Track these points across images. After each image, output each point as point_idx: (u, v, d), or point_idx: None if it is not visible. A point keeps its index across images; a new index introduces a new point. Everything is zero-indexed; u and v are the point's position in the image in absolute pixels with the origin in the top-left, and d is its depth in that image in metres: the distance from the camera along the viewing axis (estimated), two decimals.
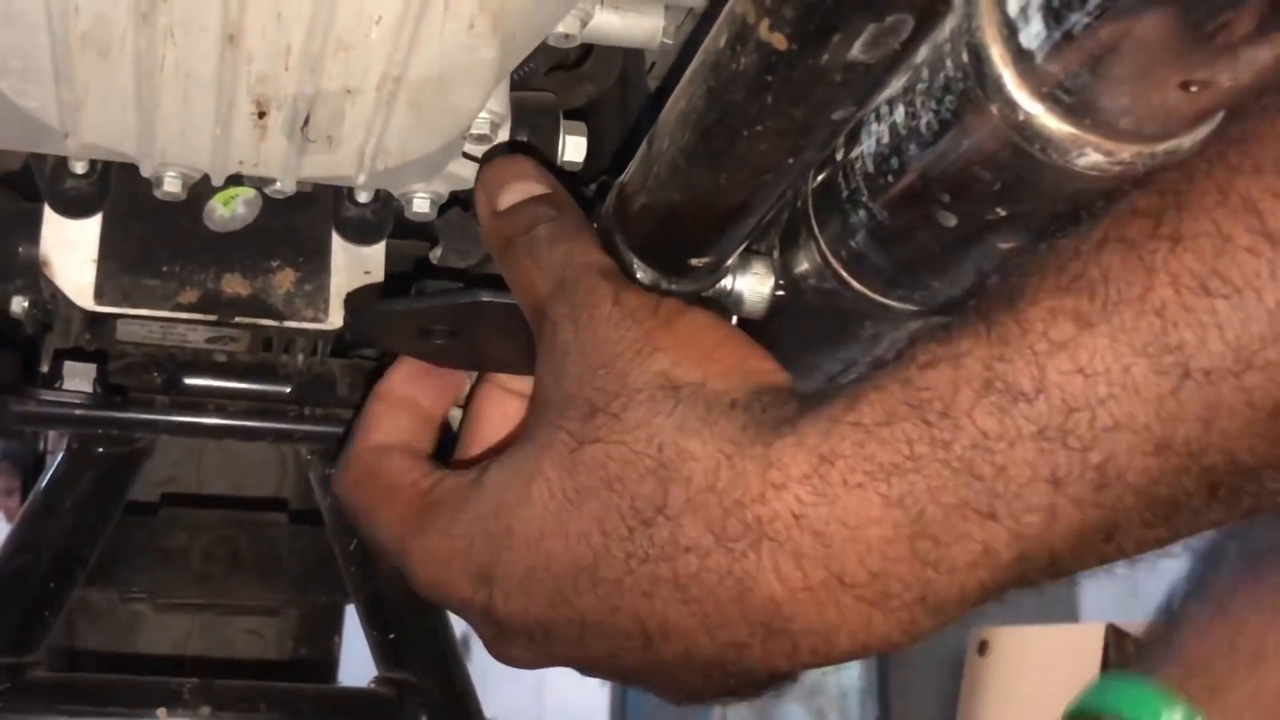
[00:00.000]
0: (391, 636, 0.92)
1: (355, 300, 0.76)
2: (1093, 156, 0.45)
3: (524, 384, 0.67)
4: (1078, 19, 0.41)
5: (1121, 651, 3.56)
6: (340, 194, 0.75)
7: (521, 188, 0.63)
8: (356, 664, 1.04)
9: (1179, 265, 0.44)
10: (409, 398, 0.71)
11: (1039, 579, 0.49)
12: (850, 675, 4.27)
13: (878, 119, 0.52)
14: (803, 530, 0.48)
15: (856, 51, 0.45)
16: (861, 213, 0.54)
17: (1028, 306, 0.46)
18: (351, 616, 1.04)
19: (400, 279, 0.76)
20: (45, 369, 0.89)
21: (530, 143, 0.69)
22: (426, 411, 0.71)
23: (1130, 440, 0.45)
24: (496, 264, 0.63)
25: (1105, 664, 3.55)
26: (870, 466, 0.48)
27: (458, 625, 0.97)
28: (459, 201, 0.78)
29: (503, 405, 0.68)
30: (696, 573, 0.51)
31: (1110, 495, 0.46)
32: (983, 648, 3.94)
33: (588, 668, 0.59)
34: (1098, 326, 0.45)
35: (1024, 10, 0.43)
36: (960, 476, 0.46)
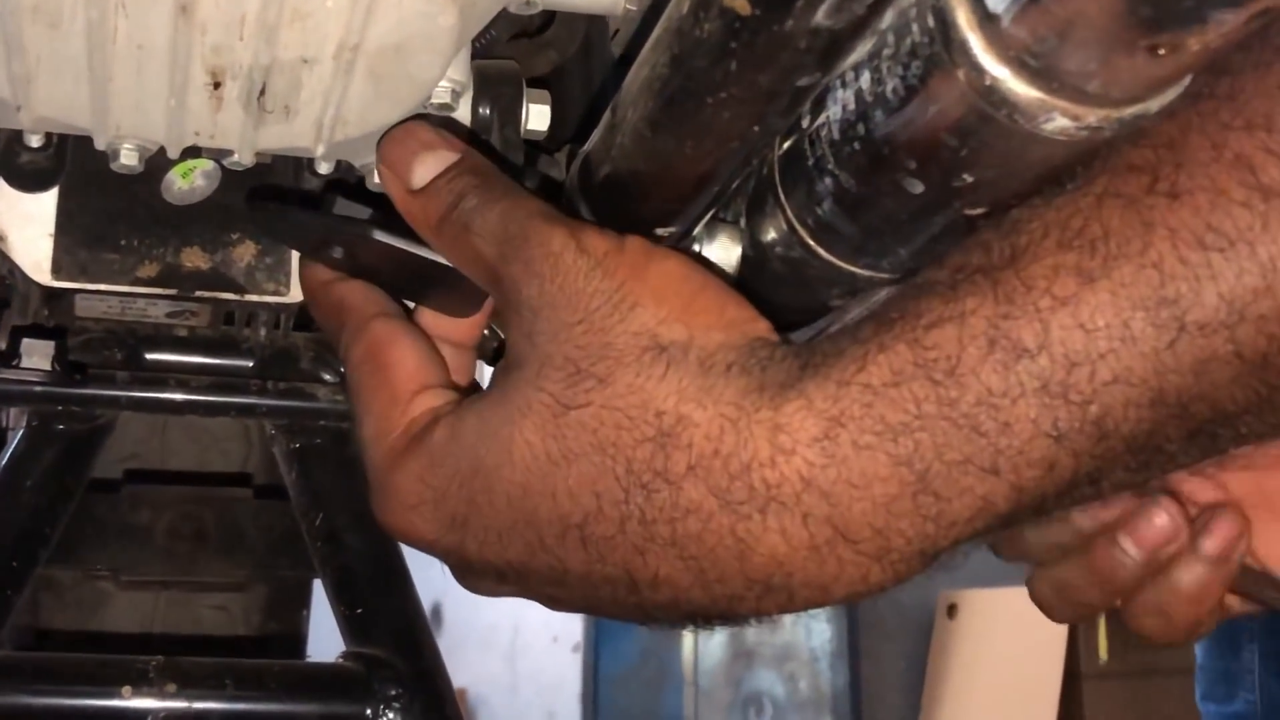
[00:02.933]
0: (359, 611, 0.92)
1: (258, 194, 0.73)
2: (1060, 121, 0.44)
3: (447, 328, 0.65)
4: None
5: None
6: (300, 165, 0.74)
7: (433, 159, 0.60)
8: (325, 639, 1.04)
9: (1176, 220, 0.45)
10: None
11: (1022, 522, 0.50)
12: (821, 639, 4.30)
13: (843, 85, 0.51)
14: (811, 492, 0.49)
15: (821, 17, 0.45)
16: (828, 180, 0.54)
17: (1031, 263, 0.47)
18: (319, 592, 1.03)
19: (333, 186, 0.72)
20: (3, 346, 0.88)
21: (491, 113, 0.68)
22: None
23: (1127, 394, 0.46)
24: (432, 245, 0.61)
25: (1072, 626, 3.57)
26: (879, 427, 0.48)
27: (426, 598, 0.97)
28: None
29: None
30: (697, 534, 0.51)
31: (1103, 446, 0.47)
32: (951, 610, 3.98)
33: (559, 603, 0.59)
34: (1099, 282, 0.45)
35: None
36: (965, 433, 0.47)
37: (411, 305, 0.67)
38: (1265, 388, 0.46)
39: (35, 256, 0.76)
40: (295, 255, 0.79)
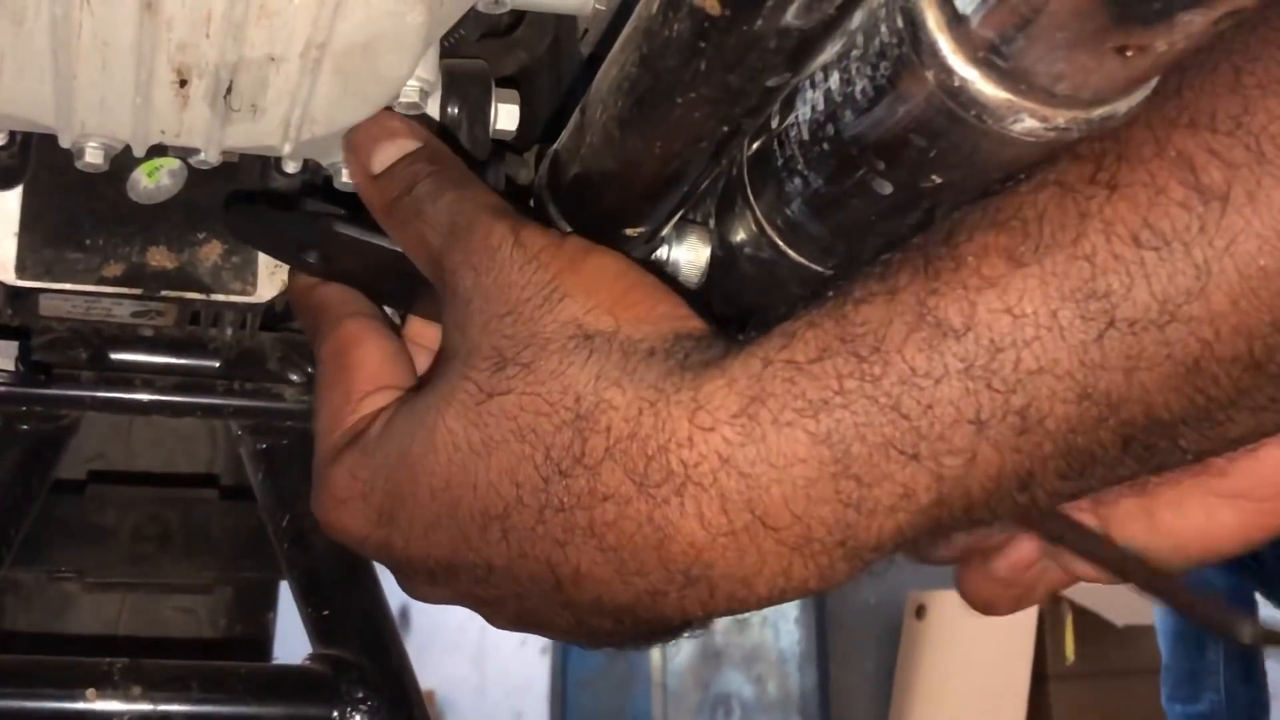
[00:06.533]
0: (326, 613, 0.92)
1: (236, 200, 0.73)
2: (1028, 122, 0.44)
3: (434, 337, 0.65)
4: None
5: (1056, 614, 3.61)
6: (267, 164, 0.74)
7: (394, 146, 0.61)
8: (292, 641, 1.03)
9: (1112, 213, 0.44)
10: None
11: (953, 527, 0.49)
12: (789, 640, 4.31)
13: (812, 86, 0.51)
14: (729, 473, 0.48)
15: (790, 17, 0.45)
16: (797, 181, 0.54)
17: (963, 242, 0.46)
18: (286, 593, 1.03)
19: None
20: None
21: (459, 112, 0.68)
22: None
23: (1052, 386, 0.45)
24: (385, 229, 0.61)
25: (1040, 626, 3.59)
26: (800, 404, 0.47)
27: (394, 600, 0.96)
28: None
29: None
30: (614, 521, 0.50)
31: (1029, 441, 0.46)
32: (920, 611, 3.99)
33: (493, 610, 0.58)
34: (1029, 267, 0.45)
35: None
36: (887, 414, 0.46)
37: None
38: (1201, 397, 0.45)
39: None
40: (262, 256, 0.78)
